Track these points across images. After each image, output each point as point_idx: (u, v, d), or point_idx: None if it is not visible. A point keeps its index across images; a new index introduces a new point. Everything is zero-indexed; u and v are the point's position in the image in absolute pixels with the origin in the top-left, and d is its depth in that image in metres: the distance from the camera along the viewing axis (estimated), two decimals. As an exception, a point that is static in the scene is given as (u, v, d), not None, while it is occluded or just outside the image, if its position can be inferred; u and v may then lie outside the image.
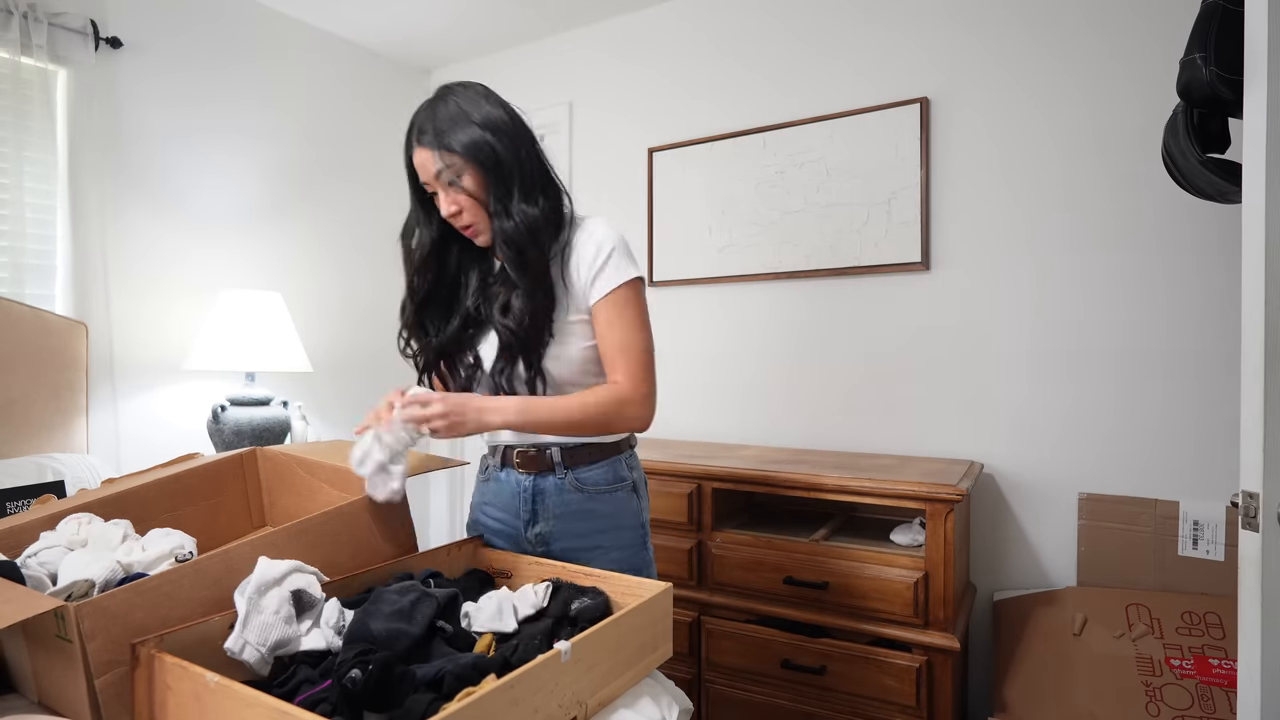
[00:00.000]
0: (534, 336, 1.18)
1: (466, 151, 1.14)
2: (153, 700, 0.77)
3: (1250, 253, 0.95)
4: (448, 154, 1.14)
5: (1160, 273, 1.94)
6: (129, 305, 2.40)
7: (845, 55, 2.39)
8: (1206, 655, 1.68)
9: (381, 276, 3.24)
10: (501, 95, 1.26)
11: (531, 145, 1.21)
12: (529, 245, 1.16)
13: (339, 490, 1.23)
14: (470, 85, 1.20)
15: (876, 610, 1.78)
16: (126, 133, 2.40)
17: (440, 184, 1.17)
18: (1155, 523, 1.90)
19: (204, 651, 0.80)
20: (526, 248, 1.16)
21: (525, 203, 1.17)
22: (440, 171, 1.15)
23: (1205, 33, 1.14)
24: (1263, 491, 0.93)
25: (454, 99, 1.17)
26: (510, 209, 1.16)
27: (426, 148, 1.15)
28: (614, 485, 1.27)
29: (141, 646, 0.75)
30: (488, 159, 1.15)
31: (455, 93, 1.18)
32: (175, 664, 0.75)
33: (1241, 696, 0.99)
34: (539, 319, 1.18)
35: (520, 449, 1.27)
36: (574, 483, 1.25)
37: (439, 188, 1.18)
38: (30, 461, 1.96)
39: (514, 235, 1.15)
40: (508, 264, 1.18)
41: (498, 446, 1.32)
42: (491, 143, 1.15)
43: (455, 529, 3.41)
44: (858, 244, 2.34)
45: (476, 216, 1.18)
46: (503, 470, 1.31)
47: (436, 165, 1.15)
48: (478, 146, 1.15)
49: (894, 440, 2.30)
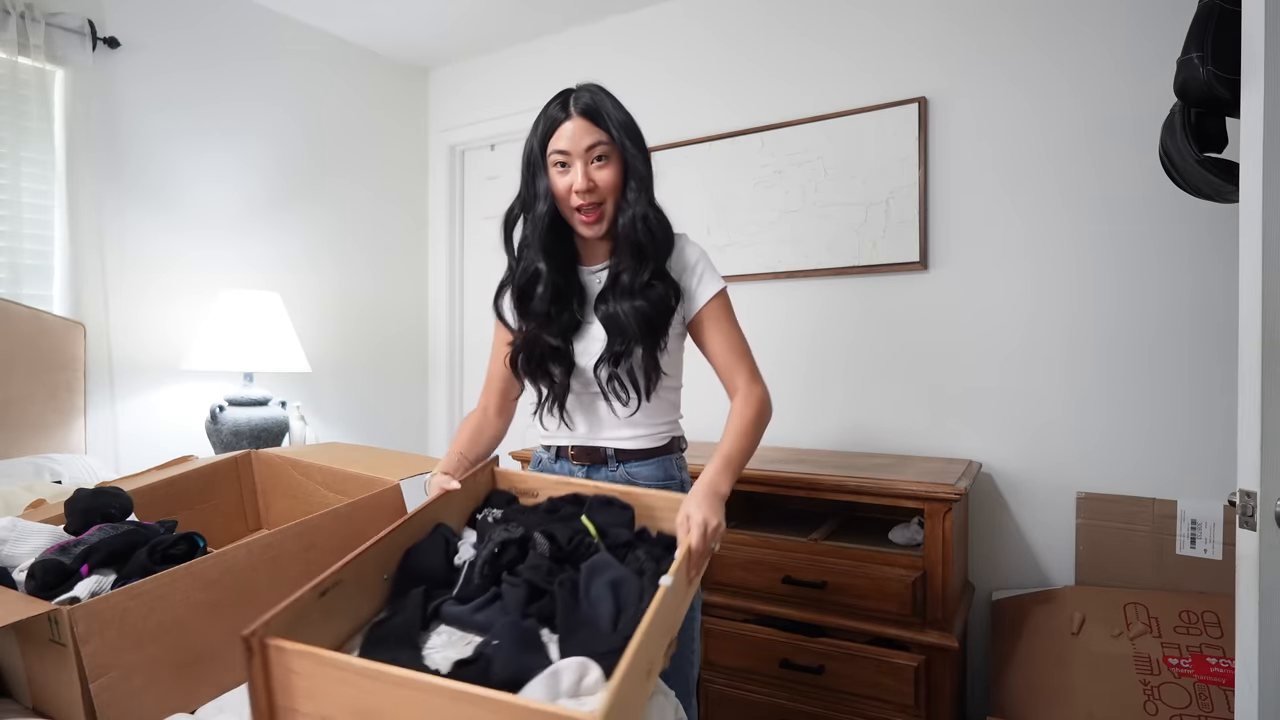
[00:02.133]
0: (663, 323, 1.22)
1: (624, 136, 1.19)
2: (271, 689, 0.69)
3: (1247, 252, 0.95)
4: (606, 134, 1.18)
5: (1157, 272, 1.94)
6: (127, 305, 2.40)
7: (843, 55, 2.39)
8: (1204, 654, 1.68)
9: (380, 276, 3.24)
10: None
11: None
12: (660, 239, 1.22)
13: (334, 493, 1.23)
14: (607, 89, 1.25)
15: (875, 610, 1.78)
16: (124, 133, 2.40)
17: (585, 157, 1.18)
18: (1153, 522, 1.89)
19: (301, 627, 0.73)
20: (656, 241, 1.21)
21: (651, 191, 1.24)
22: (595, 145, 1.18)
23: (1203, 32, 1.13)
24: (1260, 490, 0.93)
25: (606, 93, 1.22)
26: (647, 201, 1.22)
27: (588, 120, 1.18)
28: (664, 483, 1.29)
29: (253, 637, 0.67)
30: (637, 151, 1.21)
31: (603, 89, 1.23)
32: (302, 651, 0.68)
33: (1239, 695, 0.99)
34: (665, 311, 1.22)
35: (575, 446, 1.31)
36: (625, 475, 1.28)
37: (580, 161, 1.18)
38: (28, 462, 1.96)
39: (658, 221, 1.22)
40: (634, 256, 1.21)
41: (552, 446, 1.35)
42: (644, 144, 1.23)
43: (454, 529, 3.40)
44: (856, 244, 2.34)
45: (608, 198, 1.21)
46: (556, 462, 1.34)
47: (594, 139, 1.18)
48: (637, 137, 1.22)
49: (892, 439, 2.30)
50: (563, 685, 0.70)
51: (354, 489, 1.22)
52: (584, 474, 1.30)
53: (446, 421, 3.39)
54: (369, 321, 3.19)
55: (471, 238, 3.40)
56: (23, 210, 2.16)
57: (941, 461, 2.10)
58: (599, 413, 1.29)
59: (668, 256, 1.24)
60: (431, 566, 0.92)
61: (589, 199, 1.19)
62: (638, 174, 1.20)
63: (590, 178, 1.18)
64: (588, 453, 1.30)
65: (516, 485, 1.18)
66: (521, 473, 1.20)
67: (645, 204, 1.21)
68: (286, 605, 0.71)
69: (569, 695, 0.70)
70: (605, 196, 1.20)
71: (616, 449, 1.29)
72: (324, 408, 3.00)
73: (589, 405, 1.30)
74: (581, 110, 1.18)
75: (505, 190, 3.32)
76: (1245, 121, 0.96)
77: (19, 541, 0.97)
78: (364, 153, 3.17)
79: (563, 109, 1.19)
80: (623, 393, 1.23)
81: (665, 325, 1.23)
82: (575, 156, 1.18)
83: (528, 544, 0.94)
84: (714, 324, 1.26)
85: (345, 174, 3.09)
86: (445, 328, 3.41)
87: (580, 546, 0.94)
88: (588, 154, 1.18)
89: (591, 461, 1.30)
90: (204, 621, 0.89)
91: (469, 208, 3.42)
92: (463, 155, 3.42)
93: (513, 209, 1.28)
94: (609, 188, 1.19)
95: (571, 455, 1.31)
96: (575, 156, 1.18)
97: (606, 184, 1.19)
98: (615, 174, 1.19)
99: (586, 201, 1.19)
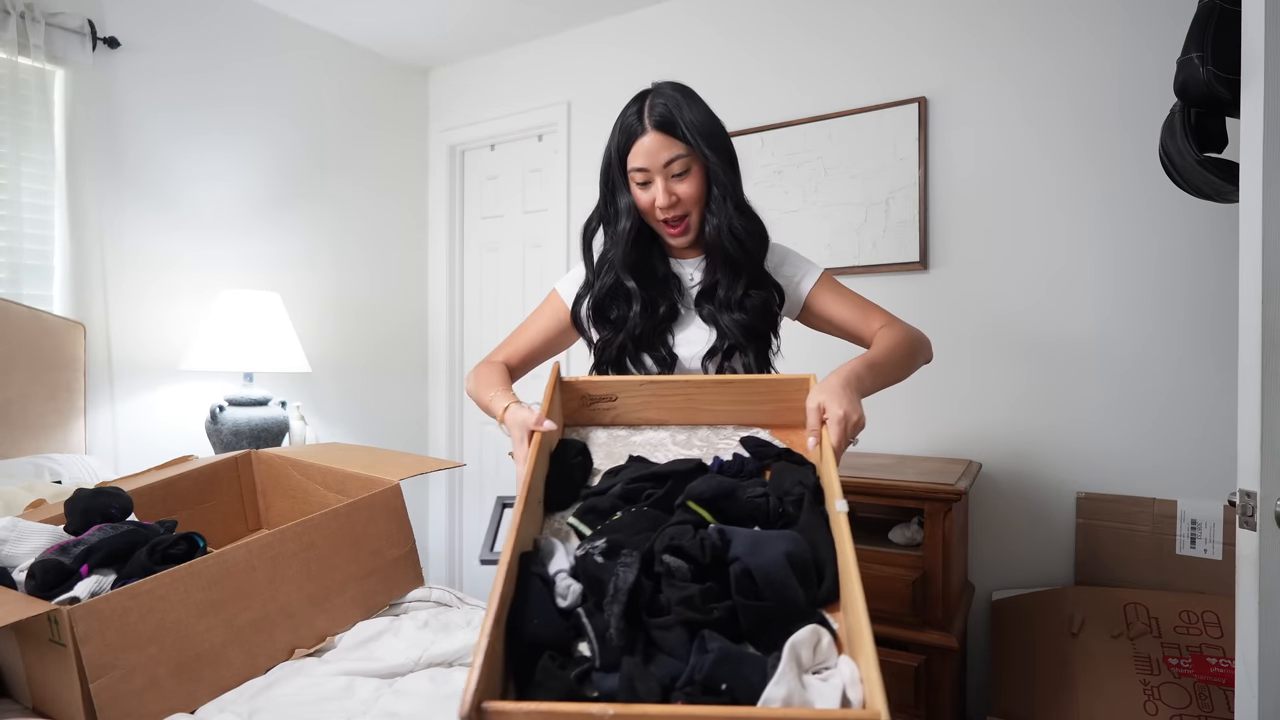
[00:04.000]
0: (770, 326, 1.21)
1: (707, 142, 1.15)
2: None
3: (1247, 252, 0.95)
4: (686, 143, 1.15)
5: (1157, 272, 1.94)
6: (127, 305, 2.40)
7: (843, 55, 2.39)
8: (1204, 654, 1.68)
9: (380, 276, 3.24)
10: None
11: None
12: (751, 245, 1.19)
13: (334, 492, 1.23)
14: (680, 83, 1.21)
15: (875, 609, 1.77)
16: (124, 133, 2.40)
17: (665, 173, 1.16)
18: (1153, 522, 1.89)
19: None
20: (747, 248, 1.18)
21: (738, 195, 1.20)
22: (673, 159, 1.15)
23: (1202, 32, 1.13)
24: (1260, 490, 0.93)
25: (683, 94, 1.18)
26: (738, 204, 1.19)
27: (664, 133, 1.14)
28: None
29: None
30: (724, 152, 1.17)
31: (680, 88, 1.19)
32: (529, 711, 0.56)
33: (1239, 695, 0.98)
34: (769, 316, 1.21)
35: None
36: None
37: (660, 177, 1.16)
38: (28, 462, 1.96)
39: (747, 226, 1.18)
40: (727, 267, 1.19)
41: None
42: (727, 138, 1.19)
43: (454, 530, 3.41)
44: (856, 243, 2.34)
45: (693, 209, 1.19)
46: None
47: (672, 153, 1.14)
48: (718, 139, 1.17)
49: (892, 439, 2.30)
50: (803, 660, 0.62)
51: (354, 489, 1.22)
52: None
53: (446, 421, 3.40)
54: (369, 321, 3.19)
55: (471, 238, 3.40)
56: (23, 210, 2.16)
57: (941, 461, 2.10)
58: None
59: (763, 258, 1.23)
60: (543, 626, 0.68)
61: (673, 213, 1.18)
62: (720, 181, 1.17)
63: (672, 192, 1.16)
64: None
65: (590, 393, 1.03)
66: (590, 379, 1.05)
67: (731, 210, 1.17)
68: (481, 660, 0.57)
69: (811, 670, 0.62)
70: (690, 209, 1.18)
71: None
72: (324, 408, 2.99)
73: None
74: (657, 123, 1.14)
75: (505, 190, 3.35)
76: (1245, 121, 0.95)
77: (19, 541, 0.97)
78: (364, 152, 3.17)
79: (639, 120, 1.16)
80: None
81: (772, 329, 1.23)
82: (655, 172, 1.16)
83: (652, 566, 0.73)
84: (830, 296, 1.26)
85: (345, 174, 3.09)
86: (445, 328, 3.41)
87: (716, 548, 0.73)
88: (666, 169, 1.15)
89: None
90: (204, 621, 0.89)
91: (469, 208, 3.42)
92: (463, 155, 3.42)
93: (591, 221, 1.26)
94: (692, 200, 1.17)
95: None
96: (655, 172, 1.16)
97: (690, 196, 1.17)
98: (698, 184, 1.17)
99: (671, 215, 1.18)
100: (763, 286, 1.21)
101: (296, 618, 1.00)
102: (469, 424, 3.41)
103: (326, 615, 1.05)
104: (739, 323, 1.18)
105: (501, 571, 0.67)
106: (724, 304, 1.19)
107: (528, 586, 0.71)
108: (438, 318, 3.43)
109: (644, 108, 1.16)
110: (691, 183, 1.16)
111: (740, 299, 1.19)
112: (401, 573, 1.19)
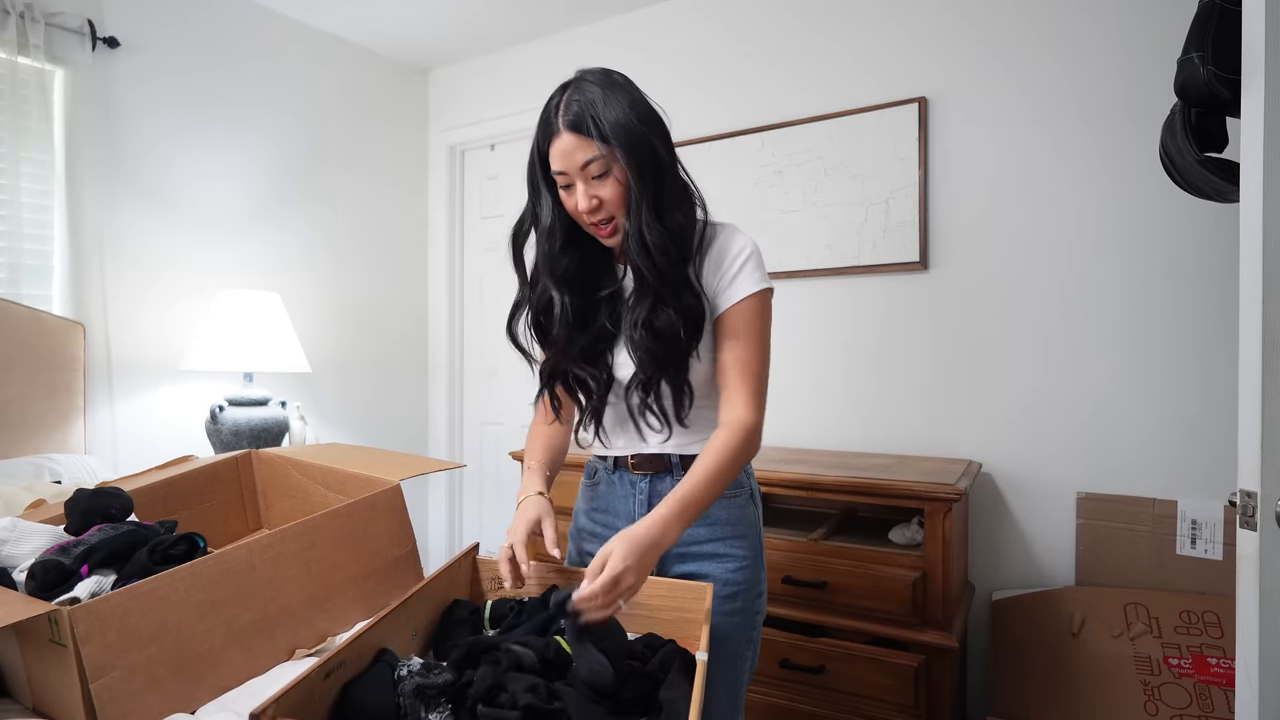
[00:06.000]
0: (681, 352, 1.09)
1: (623, 142, 1.03)
2: None
3: (1247, 251, 0.95)
4: (602, 143, 1.03)
5: (1157, 272, 1.94)
6: (126, 305, 2.40)
7: (843, 55, 2.39)
8: (1205, 654, 1.68)
9: (380, 276, 3.24)
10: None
11: (673, 146, 1.12)
12: (673, 251, 1.07)
13: (335, 492, 1.23)
14: (612, 72, 1.09)
15: (875, 609, 1.78)
16: (124, 132, 2.40)
17: (583, 175, 1.06)
18: (1153, 522, 1.89)
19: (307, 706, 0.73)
20: (670, 254, 1.06)
21: (671, 205, 1.08)
22: (590, 161, 1.04)
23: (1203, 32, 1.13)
24: (1260, 490, 0.93)
25: (603, 87, 1.06)
26: (656, 210, 1.06)
27: (578, 134, 1.04)
28: (733, 492, 1.18)
29: (262, 717, 0.66)
30: (644, 153, 1.05)
31: (603, 80, 1.07)
32: None
33: (1239, 695, 0.98)
34: (688, 333, 1.08)
35: (636, 455, 1.19)
36: None
37: (579, 179, 1.06)
38: (28, 462, 1.96)
39: (658, 240, 1.06)
40: (646, 271, 1.07)
41: (609, 457, 1.23)
42: (648, 136, 1.06)
43: (453, 529, 3.41)
44: (856, 243, 2.34)
45: (617, 212, 1.08)
46: (615, 472, 1.22)
47: (588, 154, 1.04)
48: (635, 139, 1.04)
49: (892, 439, 2.30)
50: None
51: (354, 489, 1.22)
52: (648, 485, 1.18)
53: (446, 421, 3.40)
54: (369, 321, 3.19)
55: (471, 238, 3.40)
56: (22, 210, 2.16)
57: (941, 461, 2.10)
58: (642, 431, 1.18)
59: (683, 268, 1.09)
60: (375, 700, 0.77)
61: (597, 216, 1.08)
62: (650, 175, 1.06)
63: (594, 195, 1.06)
64: (650, 461, 1.18)
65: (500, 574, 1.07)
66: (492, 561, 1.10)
67: (645, 218, 1.05)
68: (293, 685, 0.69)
69: None
70: (614, 212, 1.08)
71: (681, 455, 1.17)
72: (324, 408, 2.99)
73: (626, 418, 1.18)
74: (570, 124, 1.04)
75: (505, 190, 3.34)
76: (1245, 121, 0.95)
77: (19, 542, 0.97)
78: (364, 152, 3.17)
79: (555, 116, 1.06)
80: (655, 419, 1.13)
81: (683, 355, 1.09)
82: (574, 175, 1.06)
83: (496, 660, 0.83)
84: (732, 328, 1.12)
85: (345, 174, 3.09)
86: (445, 328, 3.41)
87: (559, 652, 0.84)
88: (584, 171, 1.05)
89: (655, 470, 1.18)
90: (204, 621, 0.89)
91: (469, 208, 3.42)
92: (463, 155, 3.42)
93: (521, 223, 1.17)
94: (615, 203, 1.07)
95: (633, 465, 1.19)
96: (574, 175, 1.06)
97: (612, 199, 1.06)
98: (618, 186, 1.06)
99: (595, 218, 1.08)
100: (679, 300, 1.07)
101: (297, 618, 1.00)
102: (469, 424, 3.41)
103: (327, 615, 1.05)
104: (648, 349, 1.07)
105: None
106: (633, 325, 1.08)
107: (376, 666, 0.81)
108: (438, 318, 3.43)
109: (561, 102, 1.06)
110: (611, 185, 1.06)
111: (647, 319, 1.07)
112: (402, 573, 1.19)
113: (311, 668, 0.73)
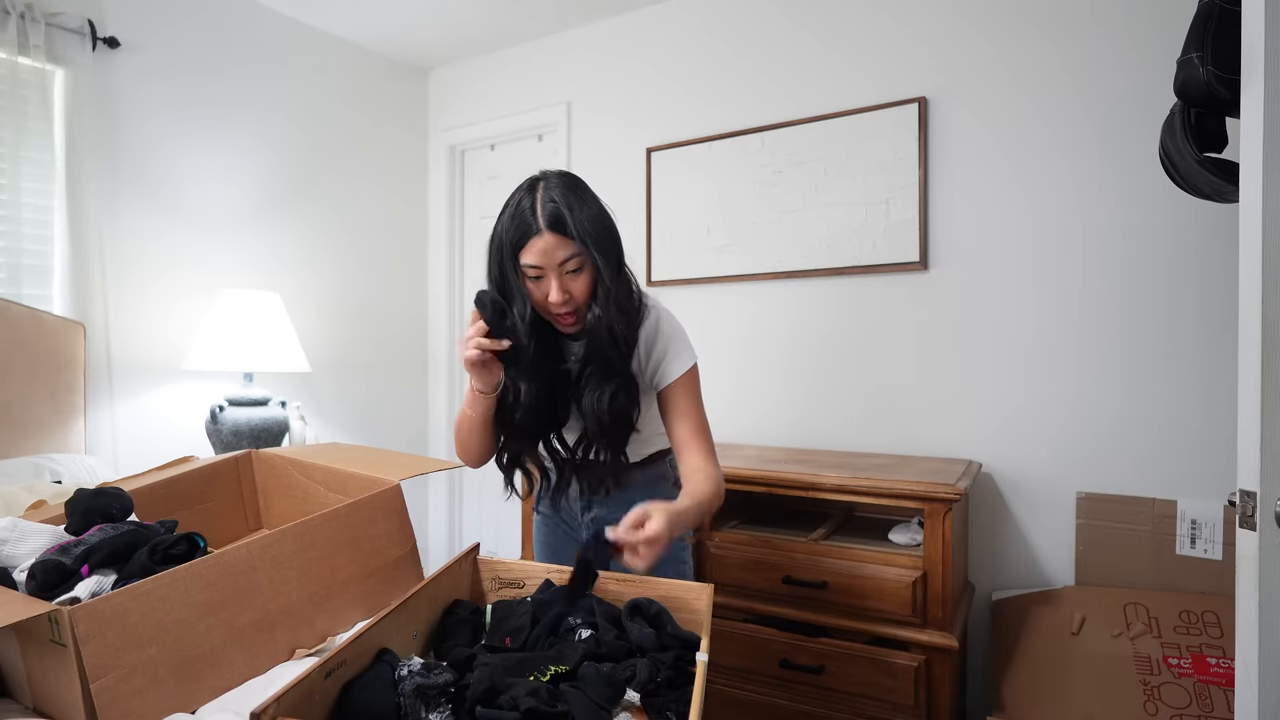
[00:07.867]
0: (626, 427, 1.25)
1: (597, 244, 1.16)
2: None
3: (1247, 252, 0.95)
4: (579, 242, 1.15)
5: (1158, 272, 1.94)
6: (127, 305, 2.40)
7: (843, 55, 2.39)
8: (1204, 654, 1.68)
9: (380, 276, 3.24)
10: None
11: None
12: (628, 336, 1.22)
13: (335, 492, 1.23)
14: (573, 175, 1.21)
15: (875, 609, 1.78)
16: (124, 132, 2.40)
17: (559, 270, 1.16)
18: (1153, 522, 1.90)
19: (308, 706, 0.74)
20: (624, 339, 1.21)
21: (621, 295, 1.21)
22: (569, 258, 1.15)
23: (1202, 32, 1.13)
24: (1260, 490, 0.93)
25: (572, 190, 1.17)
26: (614, 301, 1.19)
27: (557, 233, 1.14)
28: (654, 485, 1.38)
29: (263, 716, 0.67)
30: (612, 251, 1.19)
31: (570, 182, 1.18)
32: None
33: (1239, 695, 0.99)
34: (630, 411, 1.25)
35: None
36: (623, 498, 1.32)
37: (553, 274, 1.16)
38: (28, 462, 1.96)
39: (623, 330, 1.20)
40: (613, 358, 1.21)
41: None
42: (616, 236, 1.21)
43: (454, 529, 3.41)
44: (856, 243, 2.34)
45: (582, 304, 1.20)
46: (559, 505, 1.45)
47: (567, 252, 1.15)
48: (609, 238, 1.19)
49: (892, 440, 2.30)
50: None
51: (354, 489, 1.22)
52: (585, 504, 1.40)
53: (446, 421, 3.40)
54: (369, 321, 3.19)
55: (471, 238, 3.40)
56: (22, 210, 2.16)
57: (941, 461, 2.10)
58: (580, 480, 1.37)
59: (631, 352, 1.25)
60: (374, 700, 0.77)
61: (565, 307, 1.18)
62: (605, 280, 1.18)
63: (566, 290, 1.16)
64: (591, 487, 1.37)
65: (501, 575, 1.12)
66: (507, 561, 1.13)
67: (613, 313, 1.19)
68: (293, 685, 0.70)
69: None
70: (580, 303, 1.19)
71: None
72: (324, 408, 2.99)
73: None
74: (550, 224, 1.14)
75: (505, 190, 3.32)
76: (1245, 121, 0.95)
77: (19, 542, 0.97)
78: (364, 153, 3.17)
79: (533, 215, 1.15)
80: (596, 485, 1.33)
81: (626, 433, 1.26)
82: (549, 270, 1.16)
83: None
84: (676, 401, 1.28)
85: (345, 174, 3.09)
86: (445, 328, 3.41)
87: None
88: (561, 267, 1.15)
89: (594, 492, 1.37)
90: (204, 622, 0.89)
91: (469, 208, 3.42)
92: (463, 155, 3.42)
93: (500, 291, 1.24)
94: (583, 296, 1.19)
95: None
96: (549, 270, 1.16)
97: (580, 292, 1.18)
98: (587, 281, 1.18)
99: (564, 309, 1.18)
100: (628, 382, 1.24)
101: (297, 618, 1.00)
102: (469, 424, 3.40)
103: (327, 615, 1.05)
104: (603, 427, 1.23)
105: None
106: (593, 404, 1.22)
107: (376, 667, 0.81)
108: (438, 318, 3.43)
109: (536, 202, 1.15)
110: (583, 280, 1.18)
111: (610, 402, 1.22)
112: (402, 573, 1.19)
113: (312, 668, 0.73)
